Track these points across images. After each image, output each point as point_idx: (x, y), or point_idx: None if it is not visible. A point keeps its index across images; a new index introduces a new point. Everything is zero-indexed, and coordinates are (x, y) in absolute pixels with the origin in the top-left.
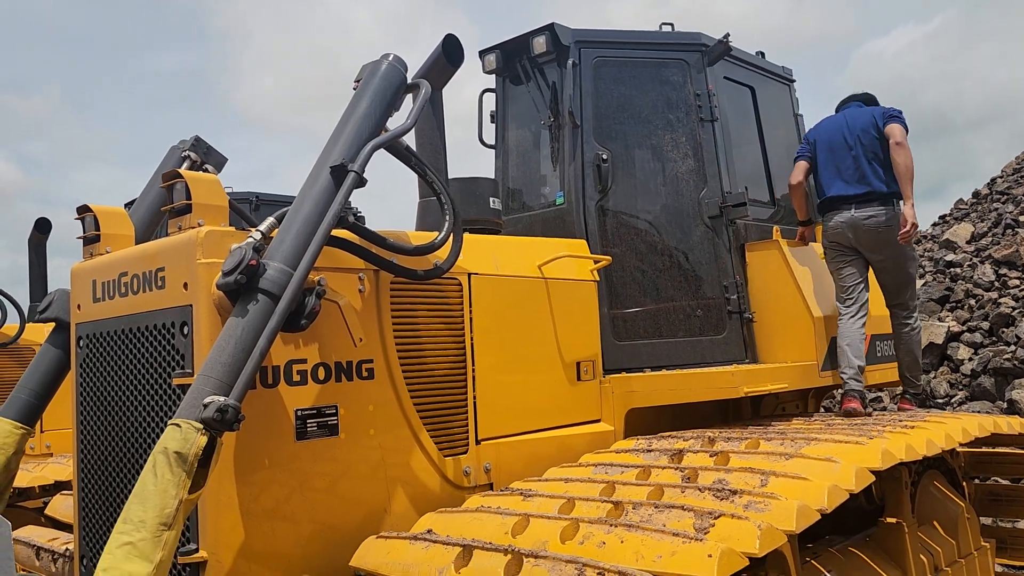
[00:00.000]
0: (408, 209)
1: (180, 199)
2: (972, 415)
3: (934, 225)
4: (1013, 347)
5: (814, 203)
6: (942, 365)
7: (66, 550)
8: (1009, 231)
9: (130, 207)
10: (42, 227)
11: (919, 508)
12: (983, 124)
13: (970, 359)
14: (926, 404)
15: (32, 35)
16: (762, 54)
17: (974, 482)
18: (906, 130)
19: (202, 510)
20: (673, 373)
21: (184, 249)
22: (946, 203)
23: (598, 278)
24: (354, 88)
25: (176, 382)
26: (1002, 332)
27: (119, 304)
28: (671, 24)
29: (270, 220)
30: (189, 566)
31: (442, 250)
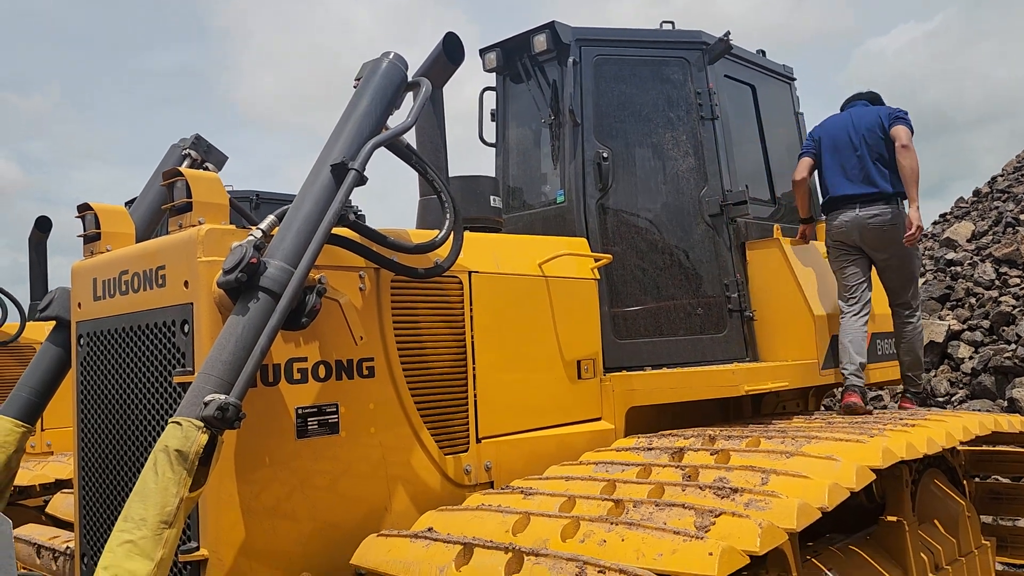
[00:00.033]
0: (408, 207)
1: (181, 197)
2: (973, 413)
3: (934, 223)
4: (1013, 345)
5: (817, 201)
6: (942, 364)
7: (67, 548)
8: (1010, 229)
9: (131, 205)
10: (42, 225)
11: (920, 506)
12: (984, 122)
13: (970, 357)
14: (927, 403)
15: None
16: (763, 52)
17: (975, 480)
18: (911, 132)
19: (203, 508)
20: (674, 371)
21: (185, 247)
22: (947, 201)
23: (599, 276)
24: (355, 86)
25: (177, 380)
26: (1002, 330)
27: (120, 302)
28: (672, 22)
29: (271, 218)
30: (190, 564)
31: (443, 248)
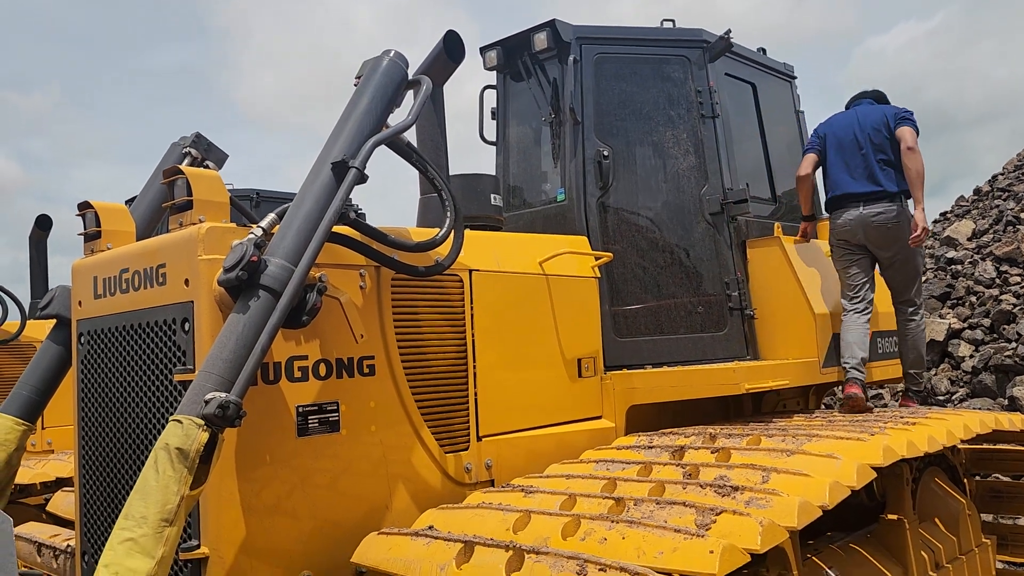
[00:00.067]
0: (409, 206)
1: (181, 195)
2: (973, 412)
3: (935, 222)
4: (1014, 344)
5: (819, 198)
6: (943, 362)
7: (67, 546)
8: (1010, 228)
9: (131, 204)
10: (43, 224)
11: (920, 505)
12: (984, 121)
13: (971, 356)
14: (928, 402)
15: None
16: (763, 50)
17: (975, 479)
18: (917, 132)
19: (203, 506)
20: (674, 370)
21: (185, 245)
22: (947, 200)
23: (599, 275)
24: (355, 84)
25: (177, 378)
26: (1003, 329)
27: (120, 300)
28: (672, 20)
29: (271, 216)
30: (191, 562)
31: (443, 246)
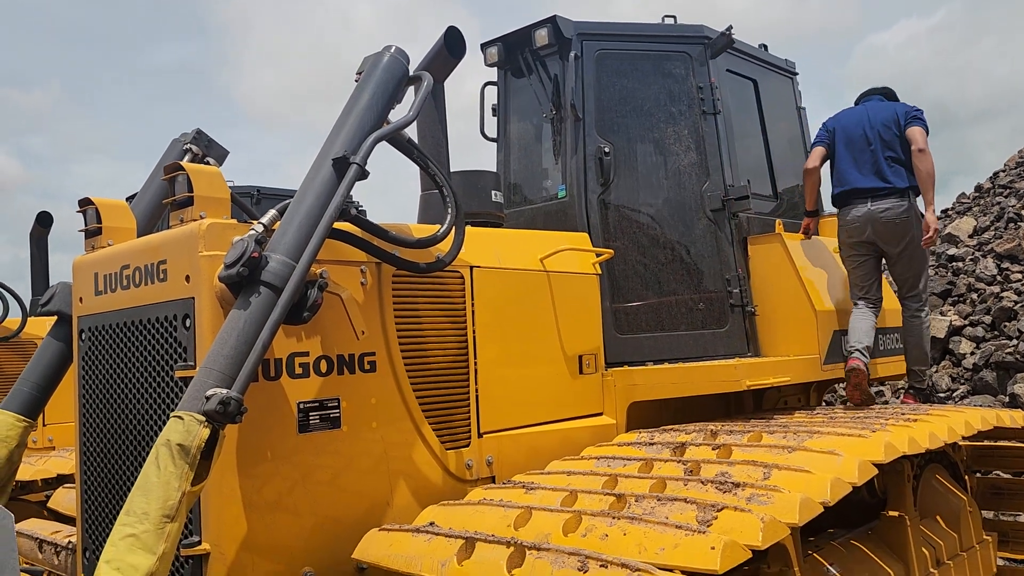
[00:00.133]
0: (410, 202)
1: (182, 192)
2: (975, 408)
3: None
4: (1015, 341)
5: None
6: (944, 359)
7: (69, 543)
8: (1011, 225)
9: (132, 200)
10: (44, 221)
11: (921, 501)
12: (985, 118)
13: (972, 353)
14: (930, 400)
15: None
16: (765, 47)
17: (976, 476)
18: (927, 132)
19: (205, 502)
20: (675, 366)
21: (186, 242)
22: (948, 197)
23: (600, 271)
24: (356, 80)
25: (178, 375)
26: (1004, 326)
27: (121, 297)
28: (674, 17)
29: (272, 212)
30: (192, 558)
31: (444, 243)
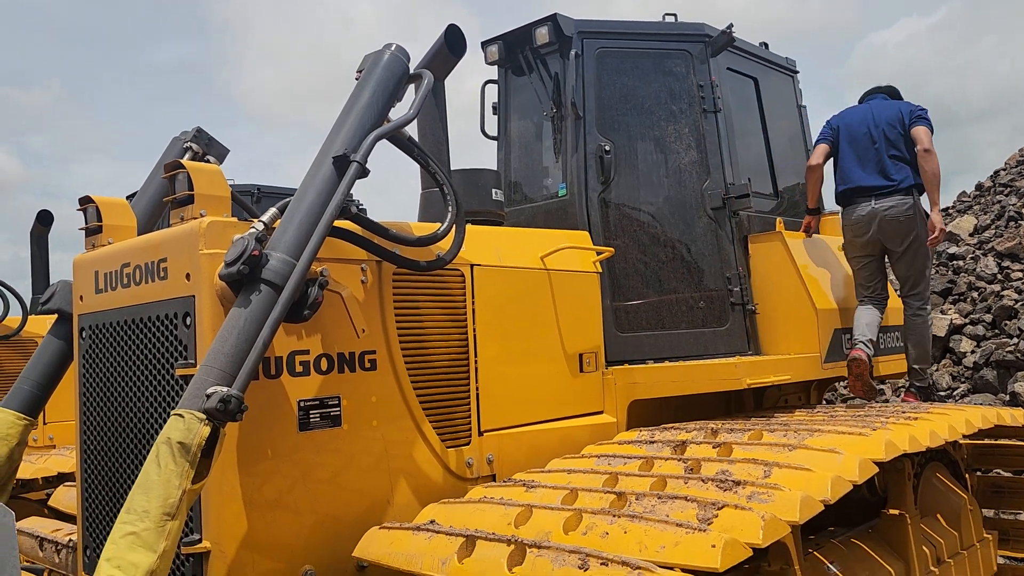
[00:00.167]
0: (410, 200)
1: (182, 190)
2: (975, 407)
3: None
4: (1016, 340)
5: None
6: (944, 358)
7: (69, 541)
8: (1012, 223)
9: (132, 199)
10: (44, 219)
11: (922, 500)
12: (986, 116)
13: (972, 352)
14: (931, 398)
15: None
16: (765, 45)
17: (976, 474)
18: (932, 131)
19: (205, 500)
20: (676, 365)
21: (186, 240)
22: (949, 196)
23: (601, 270)
24: (356, 79)
25: (179, 373)
26: (1005, 325)
27: (122, 295)
28: (674, 15)
29: (272, 211)
30: (192, 556)
31: (444, 241)
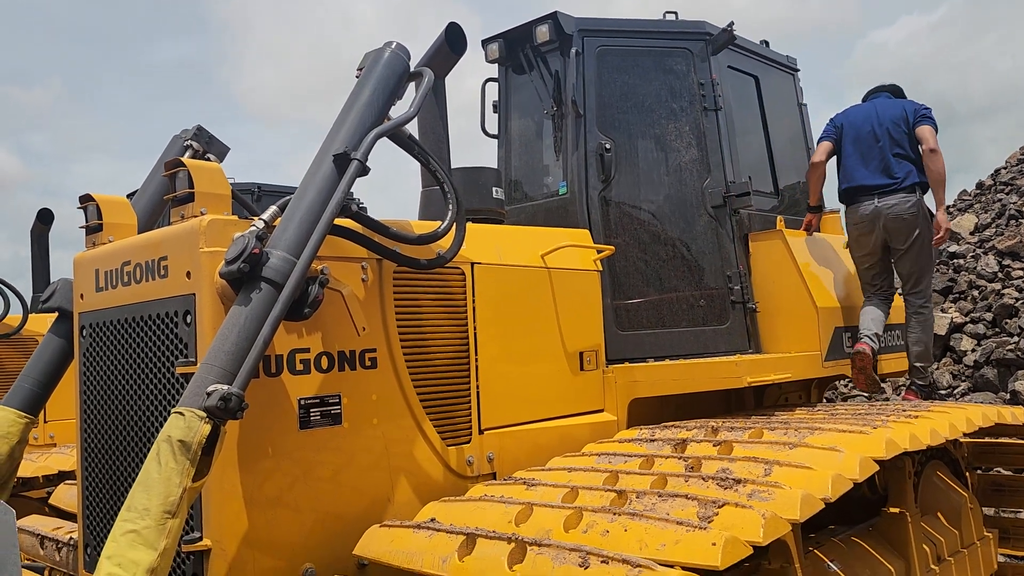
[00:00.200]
0: (411, 198)
1: (183, 188)
2: (976, 405)
3: None
4: (1016, 338)
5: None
6: (945, 356)
7: (70, 539)
8: (1013, 222)
9: (133, 197)
10: (44, 218)
11: (922, 498)
12: (987, 114)
13: (973, 350)
14: (932, 396)
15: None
16: (766, 43)
17: (977, 472)
18: (936, 130)
19: (206, 498)
20: (676, 363)
21: (187, 238)
22: (950, 194)
23: (601, 268)
24: (357, 76)
25: (179, 371)
26: (1005, 323)
27: (122, 293)
28: (675, 13)
29: (273, 209)
30: (193, 554)
31: (445, 239)
